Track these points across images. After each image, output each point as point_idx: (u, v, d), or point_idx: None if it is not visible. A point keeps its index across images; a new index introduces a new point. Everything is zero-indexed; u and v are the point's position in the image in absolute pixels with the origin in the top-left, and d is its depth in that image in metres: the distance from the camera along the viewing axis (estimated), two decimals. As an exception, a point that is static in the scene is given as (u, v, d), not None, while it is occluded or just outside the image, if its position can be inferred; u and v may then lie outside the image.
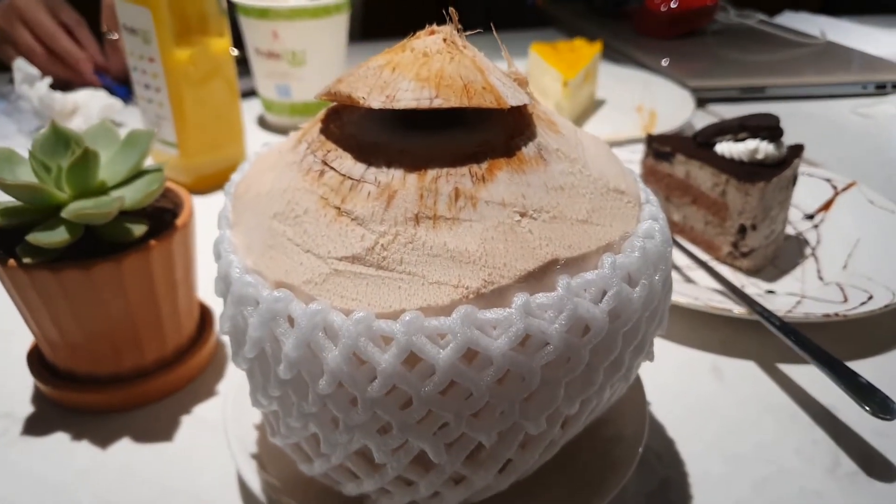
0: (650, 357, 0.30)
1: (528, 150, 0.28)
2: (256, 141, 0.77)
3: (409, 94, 0.27)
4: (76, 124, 0.75)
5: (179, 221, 0.39)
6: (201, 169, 0.64)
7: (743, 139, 0.50)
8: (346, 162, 0.27)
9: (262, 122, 0.83)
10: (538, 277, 0.25)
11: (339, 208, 0.26)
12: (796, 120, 0.85)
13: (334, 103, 0.32)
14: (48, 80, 0.75)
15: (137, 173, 0.39)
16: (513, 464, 0.28)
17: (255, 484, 0.32)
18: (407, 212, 0.25)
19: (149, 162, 0.40)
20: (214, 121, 0.64)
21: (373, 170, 0.27)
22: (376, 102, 0.27)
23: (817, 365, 0.38)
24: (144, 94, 0.62)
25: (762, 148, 0.49)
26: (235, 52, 0.89)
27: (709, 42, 1.12)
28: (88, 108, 0.75)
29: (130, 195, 0.37)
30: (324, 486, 0.31)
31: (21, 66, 0.76)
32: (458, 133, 0.28)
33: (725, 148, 0.50)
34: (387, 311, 0.24)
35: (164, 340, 0.41)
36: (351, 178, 0.27)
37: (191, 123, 0.62)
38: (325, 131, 0.30)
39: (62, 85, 0.84)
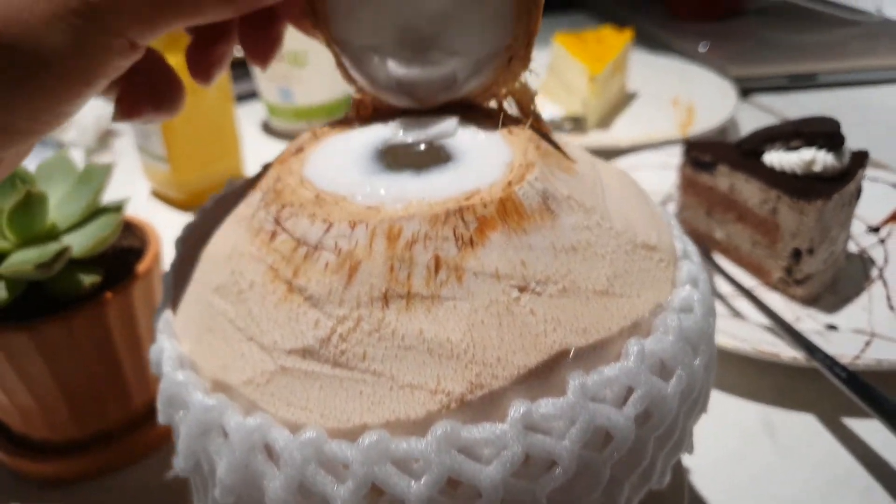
0: (690, 449, 0.25)
1: (531, 201, 0.22)
2: (260, 149, 0.72)
3: None
4: (71, 137, 0.71)
5: (141, 267, 0.34)
6: (194, 184, 0.59)
7: (796, 147, 0.43)
8: (301, 221, 0.22)
9: (267, 128, 0.78)
10: (543, 376, 0.19)
11: (290, 283, 0.21)
12: (853, 110, 0.77)
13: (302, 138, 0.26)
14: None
15: (93, 212, 0.34)
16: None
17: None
18: (373, 289, 0.20)
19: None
20: (207, 131, 0.59)
21: (333, 233, 0.21)
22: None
23: (892, 429, 0.32)
24: (131, 106, 0.58)
25: (820, 158, 0.42)
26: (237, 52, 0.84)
27: (751, 23, 1.03)
28: (83, 118, 0.71)
29: (79, 243, 0.32)
30: None
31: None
32: (443, 176, 0.23)
33: (776, 158, 0.43)
34: (344, 425, 0.19)
35: (130, 398, 0.36)
36: (306, 244, 0.21)
37: (181, 135, 0.57)
38: (285, 174, 0.24)
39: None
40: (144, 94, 0.25)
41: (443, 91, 0.26)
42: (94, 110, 0.72)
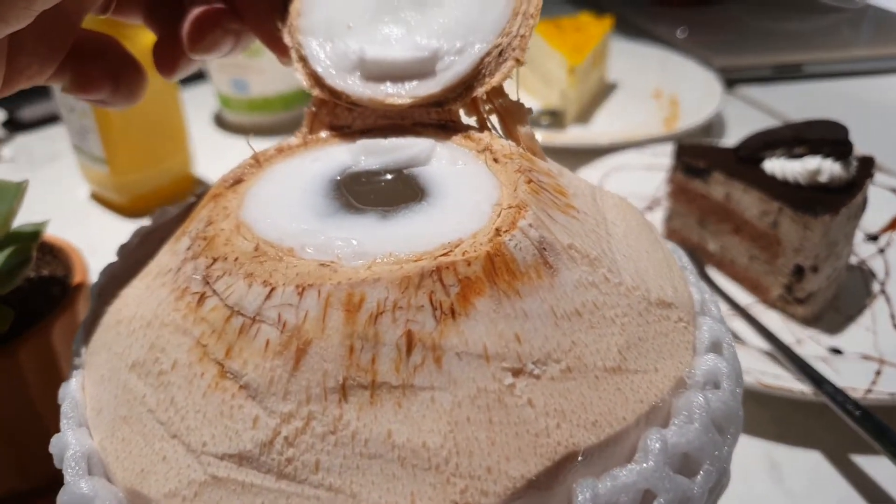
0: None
1: (525, 254, 0.18)
2: (212, 145, 0.67)
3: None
4: None
5: (63, 302, 0.29)
6: (137, 187, 0.54)
7: (800, 155, 0.39)
8: (236, 284, 0.17)
9: (220, 121, 0.72)
10: (545, 487, 0.15)
11: (221, 366, 0.16)
12: (840, 103, 0.74)
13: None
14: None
15: (4, 240, 0.29)
16: None
17: None
18: (327, 378, 0.16)
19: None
20: (150, 129, 0.53)
21: (276, 300, 0.16)
22: None
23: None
24: (64, 101, 0.52)
25: (826, 168, 0.38)
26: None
27: (734, 9, 1.00)
28: None
29: (-21, 281, 0.27)
30: None
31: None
32: (416, 221, 0.18)
33: (777, 166, 0.40)
34: (292, 562, 0.15)
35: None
36: (241, 314, 0.17)
37: (120, 134, 0.51)
38: (218, 215, 0.19)
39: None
40: (102, 72, 0.23)
41: (417, 78, 0.22)
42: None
